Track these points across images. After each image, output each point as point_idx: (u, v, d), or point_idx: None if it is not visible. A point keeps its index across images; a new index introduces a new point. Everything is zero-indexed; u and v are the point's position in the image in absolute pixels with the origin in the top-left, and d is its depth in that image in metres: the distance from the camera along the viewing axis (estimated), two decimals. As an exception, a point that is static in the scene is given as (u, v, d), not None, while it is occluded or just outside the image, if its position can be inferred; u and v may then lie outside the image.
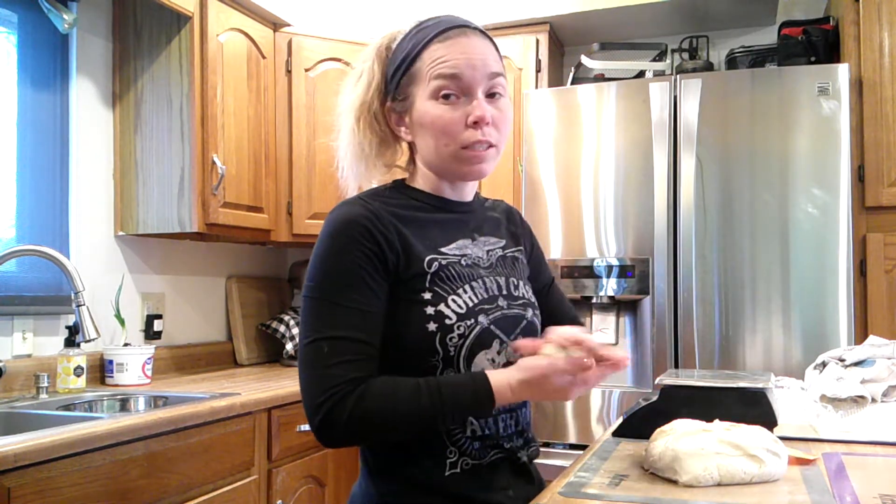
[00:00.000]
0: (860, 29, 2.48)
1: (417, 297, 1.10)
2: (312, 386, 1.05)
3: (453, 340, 1.10)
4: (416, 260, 1.12)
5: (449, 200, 1.21)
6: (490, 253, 1.22)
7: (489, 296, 1.15)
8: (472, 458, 1.13)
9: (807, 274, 2.37)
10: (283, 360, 3.18)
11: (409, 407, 1.04)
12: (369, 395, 1.04)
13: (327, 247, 1.12)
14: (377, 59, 1.20)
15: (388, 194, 1.20)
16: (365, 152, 1.21)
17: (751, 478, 1.02)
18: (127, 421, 1.75)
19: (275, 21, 2.95)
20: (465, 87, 1.12)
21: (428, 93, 1.13)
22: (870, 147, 2.45)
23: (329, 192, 3.06)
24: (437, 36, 1.14)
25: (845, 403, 1.42)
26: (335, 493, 2.64)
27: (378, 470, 1.15)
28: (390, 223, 1.12)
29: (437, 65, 1.12)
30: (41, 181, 2.46)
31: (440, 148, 1.14)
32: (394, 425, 1.05)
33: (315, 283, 1.10)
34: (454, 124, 1.12)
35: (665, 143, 2.50)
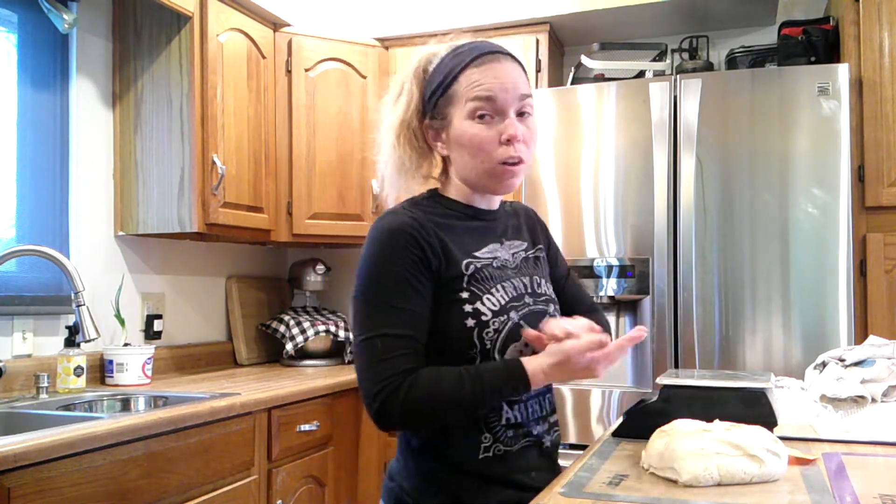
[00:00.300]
0: (860, 29, 2.48)
1: (456, 296, 1.23)
2: (368, 378, 1.19)
3: (489, 335, 1.23)
4: (454, 263, 1.24)
5: (479, 209, 1.34)
6: (515, 255, 1.34)
7: (517, 294, 1.29)
8: (505, 444, 1.26)
9: (807, 274, 2.37)
10: (283, 360, 3.18)
11: (453, 394, 1.17)
12: (418, 385, 1.16)
13: (377, 253, 1.22)
14: (415, 80, 1.33)
15: (426, 204, 1.31)
16: (405, 166, 1.31)
17: (751, 478, 1.02)
18: (127, 421, 1.75)
19: (275, 21, 2.95)
20: (499, 108, 1.24)
21: (465, 113, 1.24)
22: (870, 147, 2.45)
23: (329, 192, 3.06)
24: (472, 61, 1.25)
25: (845, 403, 1.42)
26: (335, 493, 2.64)
27: (420, 450, 1.27)
28: (432, 230, 1.24)
29: (473, 88, 1.24)
30: (41, 181, 2.46)
31: (476, 164, 1.26)
32: (441, 411, 1.18)
33: (366, 286, 1.22)
34: (489, 142, 1.24)
35: (665, 143, 2.50)
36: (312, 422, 2.47)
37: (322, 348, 3.21)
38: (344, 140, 3.09)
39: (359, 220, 3.13)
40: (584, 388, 2.54)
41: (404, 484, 1.28)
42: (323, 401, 2.56)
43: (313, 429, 2.47)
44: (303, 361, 3.16)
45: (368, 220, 3.14)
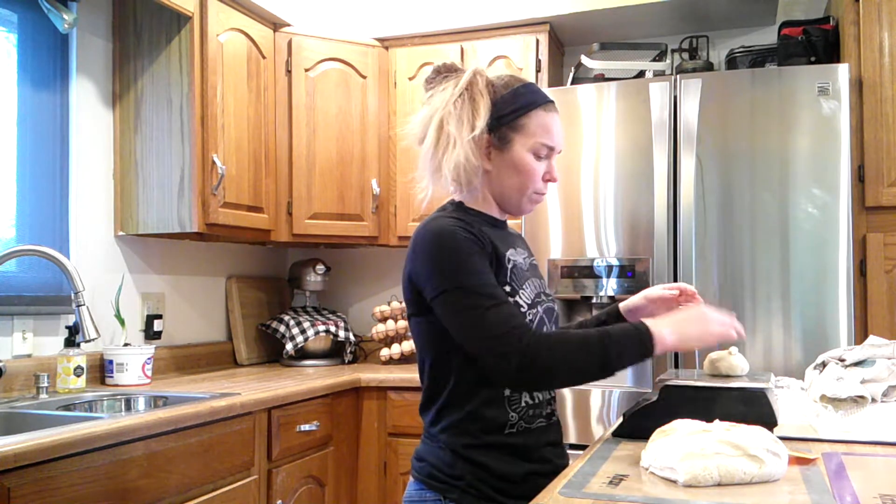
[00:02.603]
0: (860, 29, 2.48)
1: (502, 287, 1.35)
2: (497, 343, 1.26)
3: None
4: (500, 256, 1.38)
5: (498, 220, 1.50)
6: (525, 260, 1.48)
7: (537, 292, 1.44)
8: (526, 422, 1.39)
9: (807, 274, 2.37)
10: (283, 360, 3.18)
11: (582, 345, 1.27)
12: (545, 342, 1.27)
13: (445, 247, 1.32)
14: (487, 94, 1.42)
15: (458, 212, 1.42)
16: (471, 167, 1.40)
17: (751, 478, 1.02)
18: (127, 421, 1.75)
19: (275, 21, 2.95)
20: (551, 154, 1.46)
21: (529, 146, 1.42)
22: (870, 147, 2.45)
23: (329, 192, 3.06)
24: (543, 105, 1.45)
25: (845, 403, 1.42)
26: (335, 493, 2.64)
27: (448, 429, 1.38)
28: (478, 229, 1.37)
29: (544, 132, 1.43)
30: (41, 181, 2.46)
31: (521, 188, 1.44)
32: (576, 358, 1.27)
33: (451, 276, 1.30)
34: (538, 175, 1.44)
35: (665, 143, 2.50)
36: (312, 422, 2.47)
37: (322, 348, 3.21)
38: (344, 140, 3.09)
39: (359, 220, 3.13)
40: (584, 388, 2.54)
41: (434, 461, 1.39)
42: (323, 401, 2.56)
43: (313, 429, 2.47)
44: (303, 361, 3.16)
45: (368, 220, 3.14)
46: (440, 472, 1.38)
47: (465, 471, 1.36)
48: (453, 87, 1.41)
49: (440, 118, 1.40)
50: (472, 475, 1.35)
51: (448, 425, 1.39)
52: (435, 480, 1.38)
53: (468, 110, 1.39)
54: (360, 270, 3.56)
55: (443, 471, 1.37)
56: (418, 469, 1.42)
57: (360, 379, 2.77)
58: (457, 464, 1.36)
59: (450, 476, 1.36)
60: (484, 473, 1.35)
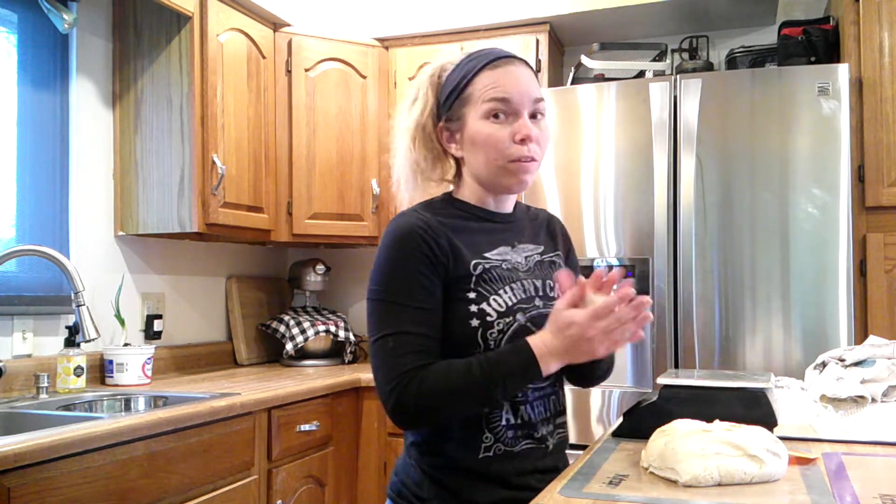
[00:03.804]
0: (860, 29, 2.48)
1: (463, 295, 1.25)
2: (382, 377, 1.21)
3: (493, 335, 1.24)
4: (462, 263, 1.26)
5: (492, 212, 1.36)
6: (528, 258, 1.36)
7: (527, 296, 1.30)
8: (505, 444, 1.26)
9: (807, 274, 2.37)
10: (283, 360, 3.18)
11: (463, 382, 1.18)
12: (429, 378, 1.18)
13: (389, 254, 1.25)
14: (430, 85, 1.35)
15: (439, 206, 1.34)
16: (420, 167, 1.35)
17: (751, 478, 1.02)
18: (127, 421, 1.75)
19: (275, 21, 2.95)
20: (513, 109, 1.27)
21: (480, 113, 1.28)
22: (870, 147, 2.45)
23: (329, 192, 3.06)
24: (487, 64, 1.29)
25: (845, 403, 1.42)
26: (335, 493, 2.64)
27: (423, 447, 1.29)
28: (441, 231, 1.26)
29: (488, 89, 1.27)
30: (41, 181, 2.46)
31: (490, 162, 1.28)
32: (454, 401, 1.19)
33: (379, 286, 1.25)
34: (503, 141, 1.27)
35: (665, 143, 2.50)
36: (312, 422, 2.47)
37: (322, 348, 3.21)
38: (344, 140, 3.09)
39: (359, 220, 3.13)
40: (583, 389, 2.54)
41: (406, 479, 1.31)
42: (323, 401, 2.56)
43: (313, 429, 2.47)
44: (303, 361, 3.16)
45: (368, 220, 3.14)
46: (408, 491, 1.29)
47: (432, 493, 1.26)
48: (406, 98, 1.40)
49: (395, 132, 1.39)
50: (438, 499, 1.25)
51: (418, 441, 1.30)
52: (403, 499, 1.30)
53: (411, 109, 1.36)
54: (360, 270, 3.56)
55: (411, 489, 1.29)
56: (391, 485, 1.34)
57: (360, 379, 2.77)
58: (424, 484, 1.27)
59: (416, 497, 1.28)
60: (453, 501, 1.25)
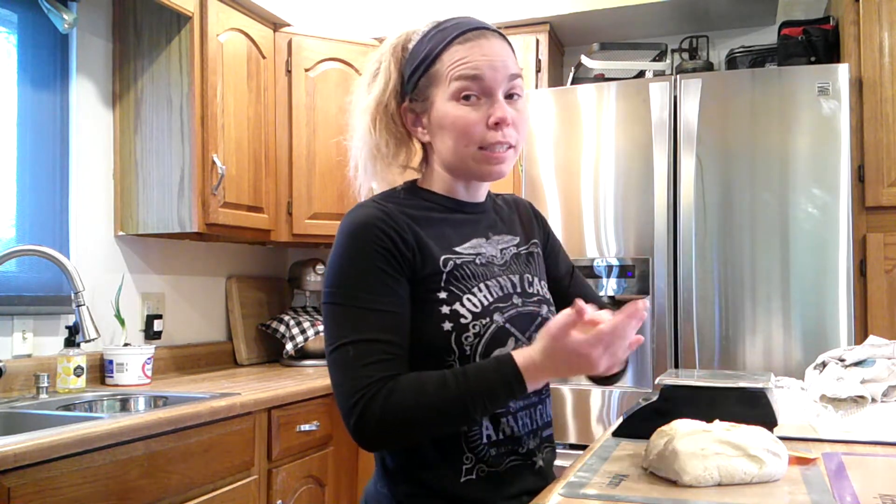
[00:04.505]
0: (860, 29, 2.48)
1: (433, 296, 1.11)
2: (342, 390, 1.05)
3: (469, 339, 1.11)
4: (431, 259, 1.12)
5: (462, 202, 1.22)
6: (504, 251, 1.22)
7: (504, 294, 1.16)
8: (489, 464, 1.13)
9: (807, 274, 2.37)
10: (283, 360, 3.18)
11: (437, 397, 1.02)
12: (396, 392, 1.03)
13: (344, 250, 1.10)
14: (393, 59, 1.20)
15: (402, 196, 1.19)
16: (381, 152, 1.20)
17: (751, 478, 1.02)
18: (127, 421, 1.75)
19: (275, 21, 2.95)
20: (486, 89, 1.12)
21: (449, 94, 1.13)
22: (870, 147, 2.45)
23: (329, 192, 3.06)
24: (457, 37, 1.14)
25: (845, 403, 1.42)
26: (335, 493, 2.64)
27: (395, 473, 1.14)
28: (405, 223, 1.12)
29: (458, 66, 1.12)
30: (41, 181, 2.46)
31: (460, 149, 1.14)
32: (425, 419, 1.03)
33: (335, 287, 1.09)
34: (475, 125, 1.12)
35: (665, 143, 2.50)
36: (312, 422, 2.47)
37: (322, 348, 3.20)
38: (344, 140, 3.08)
39: (359, 220, 3.12)
40: (583, 388, 2.54)
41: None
42: (323, 401, 2.56)
43: (313, 429, 2.47)
44: (303, 361, 3.16)
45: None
46: None
47: None
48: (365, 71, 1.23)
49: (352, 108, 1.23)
50: None
51: (389, 466, 1.15)
52: None
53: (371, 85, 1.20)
54: (360, 270, 3.55)
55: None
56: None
57: (360, 379, 2.77)
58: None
59: None
60: None
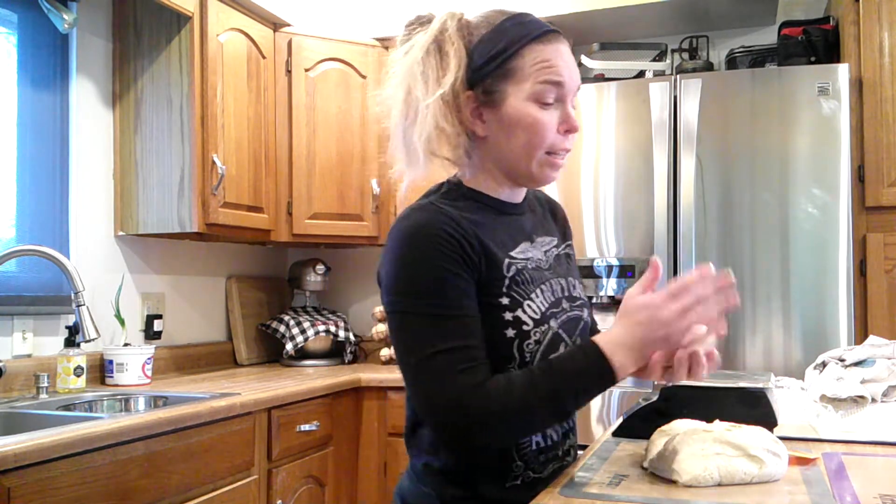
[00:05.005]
0: (860, 29, 2.48)
1: (495, 301, 1.08)
2: (432, 404, 1.03)
3: (529, 346, 1.10)
4: (495, 263, 1.10)
5: (505, 202, 1.19)
6: (548, 253, 1.20)
7: (555, 299, 1.15)
8: (535, 471, 1.14)
9: (807, 274, 2.37)
10: (283, 360, 3.18)
11: (528, 397, 1.02)
12: (488, 398, 1.01)
13: (411, 256, 1.06)
14: (460, 40, 1.12)
15: (452, 196, 1.15)
16: (444, 144, 1.12)
17: (751, 478, 1.02)
18: (127, 421, 1.75)
19: (275, 21, 2.95)
20: (562, 95, 1.12)
21: (528, 94, 1.10)
22: (870, 147, 2.45)
23: (329, 192, 3.06)
24: (539, 37, 1.11)
25: (845, 403, 1.42)
26: (335, 493, 2.64)
27: (443, 475, 1.14)
28: (469, 226, 1.09)
29: (543, 68, 1.10)
30: (41, 181, 2.46)
31: (530, 149, 1.11)
32: (525, 418, 1.04)
33: (405, 296, 1.06)
34: (549, 128, 1.11)
35: (665, 143, 2.50)
36: (312, 422, 2.47)
37: (322, 348, 3.21)
38: (344, 140, 3.09)
39: (359, 220, 3.13)
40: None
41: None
42: (323, 401, 2.56)
43: (313, 429, 2.47)
44: (303, 361, 3.16)
45: (368, 220, 3.14)
46: None
47: None
48: (420, 43, 1.15)
49: (406, 84, 1.13)
50: None
51: (438, 467, 1.14)
52: None
53: (434, 66, 1.11)
54: (360, 270, 3.56)
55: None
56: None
57: (360, 379, 2.77)
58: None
59: None
60: None
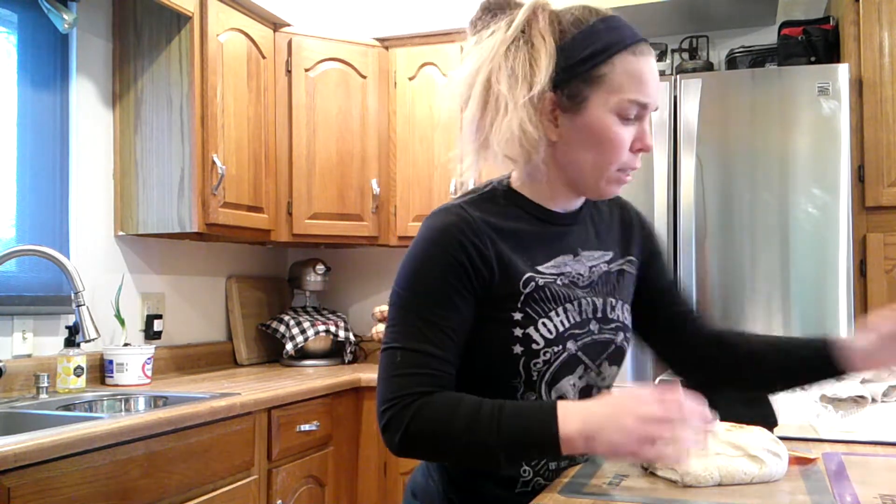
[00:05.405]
0: (860, 29, 2.48)
1: (506, 315, 1.06)
2: (380, 392, 1.05)
3: (538, 366, 1.07)
4: (511, 278, 1.07)
5: (555, 213, 1.14)
6: (593, 269, 1.14)
7: (582, 319, 1.10)
8: (545, 478, 1.12)
9: (807, 274, 2.37)
10: (283, 360, 3.18)
11: (465, 423, 0.99)
12: (429, 409, 1.01)
13: (421, 255, 1.07)
14: (551, 35, 1.05)
15: (493, 201, 1.12)
16: (529, 140, 1.05)
17: (751, 478, 1.02)
18: (127, 421, 1.75)
19: (275, 21, 2.95)
20: (643, 114, 1.07)
21: (613, 106, 1.04)
22: (870, 147, 2.45)
23: (329, 192, 3.06)
24: (631, 45, 1.05)
25: (845, 403, 1.42)
26: (335, 493, 2.64)
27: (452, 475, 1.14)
28: (487, 236, 1.06)
29: (634, 83, 1.04)
30: (41, 181, 2.46)
31: (602, 163, 1.07)
32: (448, 441, 1.00)
33: (403, 290, 1.07)
34: (626, 147, 1.06)
35: (665, 143, 2.50)
36: (312, 422, 2.47)
37: (322, 348, 3.21)
38: (344, 140, 3.09)
39: (359, 220, 3.13)
40: (584, 388, 2.54)
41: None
42: (323, 401, 2.56)
43: (313, 429, 2.47)
44: (303, 361, 3.16)
45: (368, 220, 3.14)
46: None
47: None
48: (505, 31, 1.05)
49: (487, 74, 1.05)
50: None
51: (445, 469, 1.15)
52: None
53: (524, 61, 1.04)
54: (360, 270, 3.56)
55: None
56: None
57: (360, 379, 2.77)
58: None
59: None
60: None
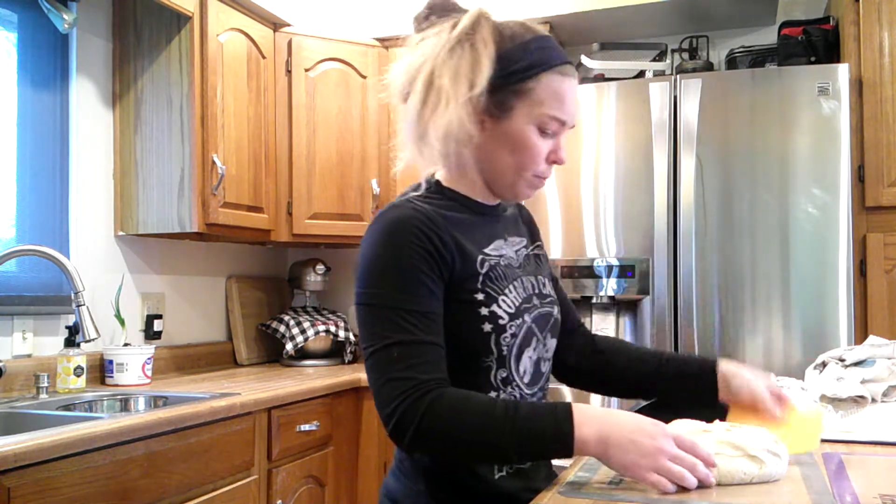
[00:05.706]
0: (860, 29, 2.48)
1: (471, 297, 1.12)
2: (384, 393, 1.06)
3: (506, 340, 1.13)
4: (469, 260, 1.13)
5: (482, 204, 1.23)
6: (518, 253, 1.24)
7: (527, 295, 1.18)
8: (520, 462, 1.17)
9: (807, 274, 2.37)
10: (283, 360, 3.18)
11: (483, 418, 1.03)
12: (439, 408, 1.03)
13: (383, 251, 1.11)
14: (494, 44, 1.14)
15: (431, 195, 1.19)
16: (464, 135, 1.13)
17: (751, 478, 1.02)
18: (127, 421, 1.75)
19: (275, 21, 2.95)
20: (561, 130, 1.17)
21: (534, 118, 1.13)
22: (870, 147, 2.45)
23: (329, 192, 3.06)
24: (558, 66, 1.15)
25: (845, 403, 1.42)
26: (335, 493, 2.64)
27: (432, 471, 1.15)
28: (443, 225, 1.13)
29: (554, 101, 1.13)
30: (41, 181, 2.46)
31: (518, 170, 1.16)
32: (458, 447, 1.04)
33: (374, 288, 1.09)
34: (542, 157, 1.16)
35: (665, 143, 2.50)
36: (312, 422, 2.47)
37: (322, 348, 3.21)
38: (344, 140, 3.09)
39: (359, 220, 3.13)
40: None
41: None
42: (323, 401, 2.56)
43: (313, 429, 2.47)
44: (303, 361, 3.16)
45: (368, 220, 3.13)
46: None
47: None
48: (450, 31, 1.14)
49: (430, 69, 1.12)
50: None
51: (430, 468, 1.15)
52: None
53: (468, 62, 1.11)
54: (360, 270, 3.55)
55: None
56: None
57: (360, 379, 2.77)
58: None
59: None
60: None
